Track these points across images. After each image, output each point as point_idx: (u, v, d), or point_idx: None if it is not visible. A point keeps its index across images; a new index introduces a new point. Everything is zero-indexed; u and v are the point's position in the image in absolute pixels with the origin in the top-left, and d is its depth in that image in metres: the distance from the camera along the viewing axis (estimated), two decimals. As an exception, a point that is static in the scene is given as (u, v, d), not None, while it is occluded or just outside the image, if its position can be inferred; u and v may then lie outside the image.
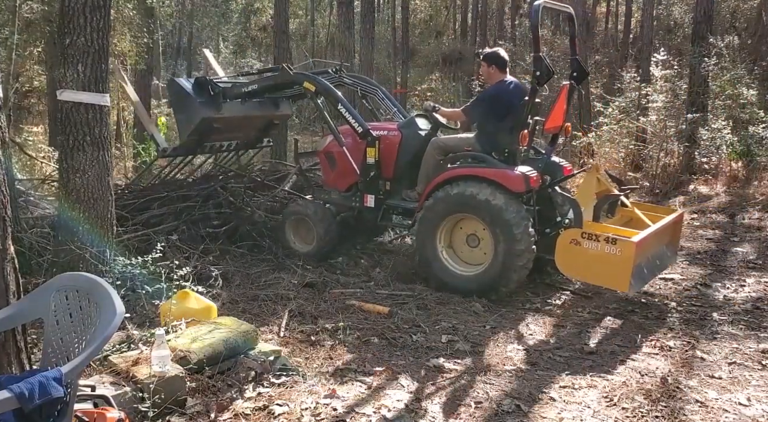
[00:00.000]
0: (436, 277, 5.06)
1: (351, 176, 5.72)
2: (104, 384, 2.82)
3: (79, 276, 2.41)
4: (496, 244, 4.73)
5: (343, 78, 6.53)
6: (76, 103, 4.15)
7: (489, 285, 4.80)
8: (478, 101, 5.22)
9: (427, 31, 26.49)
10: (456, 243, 5.11)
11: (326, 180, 6.10)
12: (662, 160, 9.84)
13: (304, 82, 5.77)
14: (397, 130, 5.65)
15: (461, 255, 5.09)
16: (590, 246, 4.38)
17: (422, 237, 5.09)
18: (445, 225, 5.02)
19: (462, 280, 4.95)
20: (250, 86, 6.10)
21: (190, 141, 6.23)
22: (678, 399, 3.29)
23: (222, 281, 4.88)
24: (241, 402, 3.07)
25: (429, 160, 5.34)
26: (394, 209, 5.56)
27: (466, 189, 4.82)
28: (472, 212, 4.86)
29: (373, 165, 5.51)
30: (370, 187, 5.57)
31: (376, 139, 5.48)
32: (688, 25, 15.95)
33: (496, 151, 5.04)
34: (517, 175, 4.77)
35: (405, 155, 5.54)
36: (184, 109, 6.12)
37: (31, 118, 15.29)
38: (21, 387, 1.84)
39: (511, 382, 3.45)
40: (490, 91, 5.15)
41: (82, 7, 4.05)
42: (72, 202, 4.25)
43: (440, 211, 4.97)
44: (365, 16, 12.93)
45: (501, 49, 5.35)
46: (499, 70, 5.14)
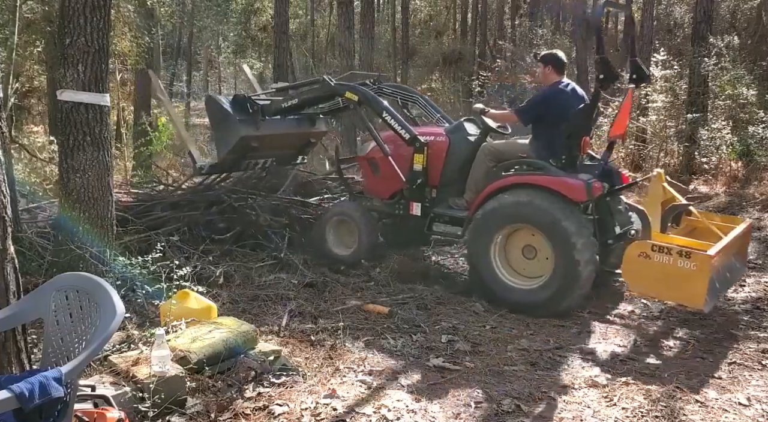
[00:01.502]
0: (490, 291, 4.77)
1: (395, 183, 5.49)
2: (104, 384, 2.82)
3: (79, 276, 2.41)
4: (557, 256, 4.44)
5: (382, 88, 6.35)
6: (76, 103, 4.15)
7: (550, 298, 4.49)
8: (533, 103, 4.98)
9: (427, 31, 26.48)
10: (511, 255, 4.79)
11: (368, 186, 5.92)
12: (662, 160, 9.85)
13: (347, 92, 5.60)
14: (444, 135, 5.43)
15: (516, 266, 4.77)
16: (661, 259, 4.05)
17: (475, 249, 4.82)
18: (499, 236, 4.72)
19: (519, 294, 4.65)
20: (289, 101, 5.97)
21: (227, 159, 6.11)
22: (678, 399, 3.29)
23: (223, 279, 4.89)
24: (241, 402, 3.07)
25: (479, 167, 5.09)
26: (441, 217, 5.29)
27: (523, 198, 4.56)
28: (530, 222, 4.57)
29: (421, 172, 5.29)
30: (417, 194, 5.35)
31: (424, 144, 5.26)
32: (688, 25, 15.95)
33: (553, 158, 4.76)
34: (578, 183, 4.49)
35: (453, 161, 5.32)
36: (223, 127, 6.00)
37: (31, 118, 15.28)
38: (21, 387, 1.84)
39: (511, 382, 3.45)
40: (546, 92, 4.92)
41: (82, 7, 4.05)
42: (72, 202, 4.25)
43: (494, 221, 4.69)
44: (365, 16, 12.94)
45: (559, 51, 5.15)
46: (555, 71, 4.91)
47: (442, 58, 20.38)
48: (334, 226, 5.76)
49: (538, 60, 5.09)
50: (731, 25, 15.97)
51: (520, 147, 5.03)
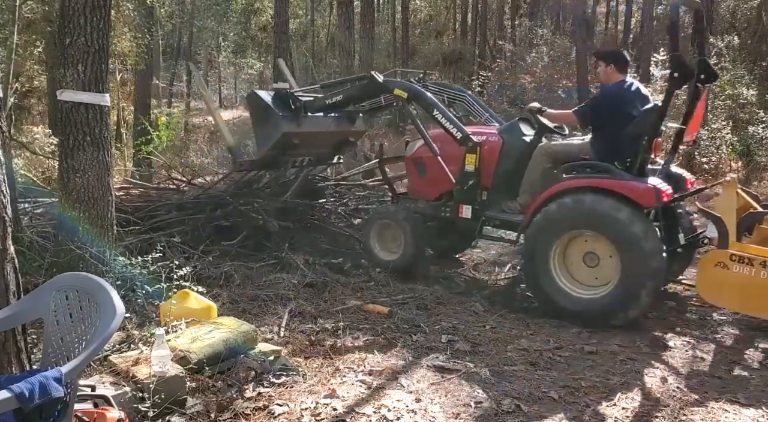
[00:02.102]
0: (550, 301, 4.53)
1: (443, 184, 5.32)
2: (104, 384, 2.82)
3: (79, 276, 2.41)
4: (624, 263, 4.20)
5: (427, 86, 6.09)
6: (76, 103, 4.15)
7: (613, 309, 4.26)
8: (594, 102, 4.73)
9: (427, 31, 26.51)
10: (571, 262, 4.53)
11: (413, 187, 5.76)
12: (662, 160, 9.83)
13: (396, 88, 5.38)
14: (497, 134, 5.23)
15: (576, 274, 4.51)
16: (741, 270, 3.85)
17: (532, 256, 4.57)
18: (559, 242, 4.47)
19: (582, 304, 4.40)
20: (334, 97, 5.79)
21: (267, 156, 5.99)
22: (678, 399, 3.29)
23: (223, 279, 4.89)
24: (241, 402, 3.07)
25: (536, 169, 4.86)
26: (493, 221, 5.10)
27: (586, 202, 4.31)
28: (594, 228, 4.33)
29: (473, 172, 5.08)
30: (467, 196, 5.14)
31: (477, 144, 5.06)
32: (688, 24, 15.96)
33: (617, 160, 4.51)
34: (647, 187, 4.22)
35: (506, 162, 5.10)
36: (264, 123, 5.87)
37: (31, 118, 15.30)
38: (21, 387, 1.84)
39: (511, 382, 3.45)
40: (608, 91, 4.69)
41: (82, 7, 4.05)
42: (72, 202, 4.25)
43: (557, 225, 4.44)
44: (365, 16, 12.96)
45: (622, 49, 4.95)
46: (618, 69, 4.67)
47: (442, 58, 20.41)
48: (378, 231, 5.61)
49: (599, 58, 4.84)
50: (731, 25, 15.97)
51: (581, 148, 4.78)
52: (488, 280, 5.64)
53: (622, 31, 21.05)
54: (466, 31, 23.24)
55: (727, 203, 4.42)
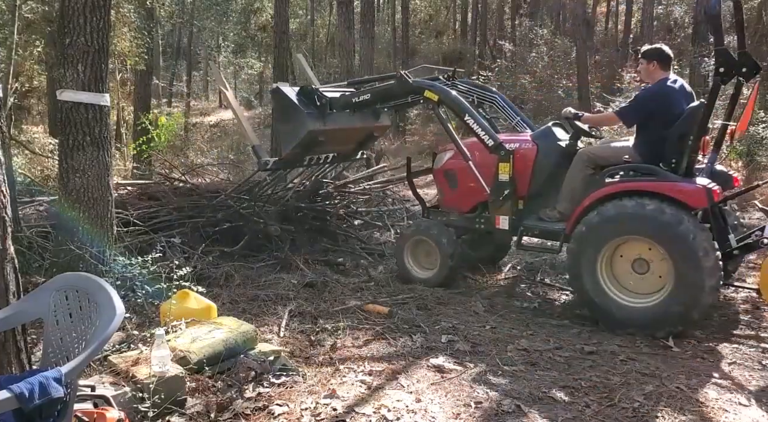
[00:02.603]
0: (603, 313, 4.33)
1: (477, 195, 5.13)
2: (104, 384, 2.82)
3: (79, 276, 2.41)
4: (677, 269, 4.04)
5: (456, 84, 5.93)
6: (76, 103, 4.15)
7: (672, 315, 4.10)
8: (639, 102, 4.55)
9: (427, 31, 26.52)
10: (619, 268, 4.35)
11: (445, 200, 5.56)
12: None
13: (426, 91, 5.22)
14: (531, 141, 5.04)
15: (624, 282, 4.33)
16: None
17: (578, 266, 4.37)
18: (607, 250, 4.30)
19: (630, 312, 4.23)
20: (361, 96, 5.64)
21: (292, 154, 5.87)
22: (678, 399, 3.29)
23: (223, 279, 4.89)
24: (241, 402, 3.07)
25: (576, 175, 4.68)
26: (532, 231, 4.94)
27: (632, 206, 4.15)
28: (642, 233, 4.17)
29: (507, 182, 4.89)
30: (503, 206, 4.94)
31: (510, 153, 4.88)
32: (688, 24, 15.97)
33: (662, 161, 4.35)
34: (696, 188, 4.08)
35: (542, 170, 4.93)
36: (290, 120, 5.74)
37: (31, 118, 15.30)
38: (21, 387, 1.84)
39: (511, 382, 3.45)
40: (653, 90, 4.50)
41: (82, 7, 4.06)
42: (72, 202, 4.26)
43: (603, 232, 4.26)
44: (365, 16, 12.97)
45: (665, 45, 4.74)
46: (661, 67, 4.51)
47: (442, 58, 20.41)
48: (411, 248, 5.43)
49: (642, 55, 4.68)
50: (731, 25, 15.98)
51: (623, 150, 4.60)
52: (488, 280, 5.64)
53: (622, 31, 21.04)
54: (466, 31, 23.25)
55: None
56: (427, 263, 5.34)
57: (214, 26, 24.14)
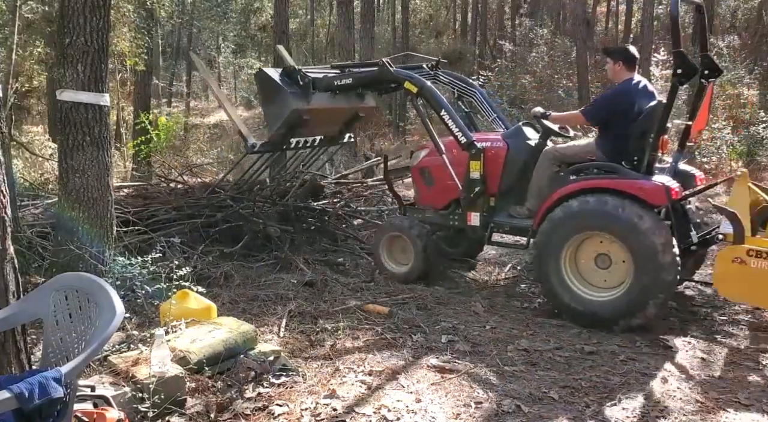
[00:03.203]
0: (565, 306, 4.47)
1: (451, 192, 5.24)
2: (104, 384, 2.82)
3: (78, 276, 2.41)
4: (636, 265, 4.16)
5: (438, 75, 6.04)
6: (75, 103, 4.15)
7: (630, 310, 4.21)
8: (603, 102, 4.76)
9: (427, 31, 26.52)
10: (582, 263, 4.50)
11: (421, 198, 5.68)
12: (662, 160, 9.84)
13: (406, 82, 5.29)
14: (502, 140, 5.17)
15: (587, 276, 4.48)
16: (759, 264, 3.83)
17: (543, 261, 4.51)
18: (570, 245, 4.44)
19: (592, 306, 4.36)
20: (343, 79, 5.72)
21: (277, 135, 5.92)
22: (678, 399, 3.29)
23: (223, 279, 4.89)
24: (241, 402, 3.06)
25: (542, 173, 4.82)
26: (502, 227, 5.09)
27: (595, 203, 4.29)
28: (604, 229, 4.29)
29: (478, 179, 5.02)
30: (475, 203, 5.09)
31: (481, 151, 5.00)
32: (688, 24, 15.96)
33: (624, 159, 4.48)
34: (656, 185, 4.20)
35: (513, 168, 5.06)
36: (274, 100, 5.79)
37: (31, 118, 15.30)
38: (21, 387, 1.84)
39: (511, 382, 3.45)
40: (616, 90, 4.66)
41: (81, 7, 4.05)
42: (72, 202, 4.25)
43: (566, 228, 4.40)
44: (365, 16, 12.98)
45: (631, 46, 4.86)
46: (626, 67, 4.63)
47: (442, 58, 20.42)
48: (387, 244, 5.52)
49: (608, 56, 4.82)
50: (731, 25, 15.98)
51: (587, 149, 4.76)
52: (488, 280, 5.64)
53: (622, 31, 21.04)
54: (466, 31, 23.25)
55: (740, 198, 4.41)
56: (402, 259, 5.42)
57: (213, 26, 24.15)
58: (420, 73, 5.85)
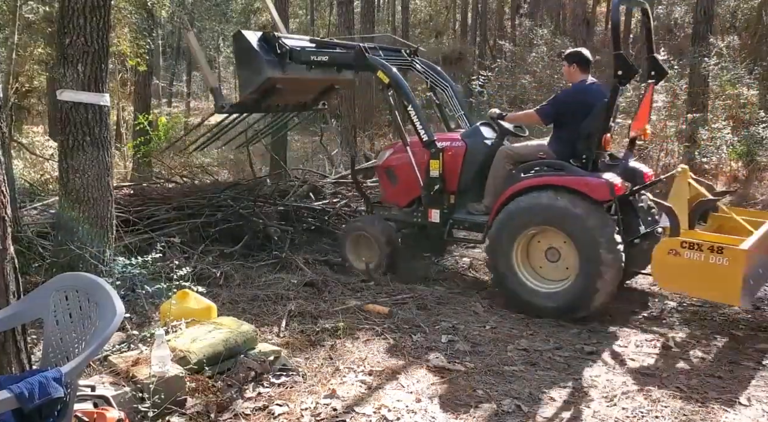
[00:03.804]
0: (511, 293, 4.70)
1: (413, 190, 5.42)
2: (104, 384, 2.83)
3: (78, 276, 2.41)
4: (581, 258, 4.36)
5: (415, 63, 6.14)
6: (76, 103, 4.15)
7: (575, 301, 4.41)
8: (555, 102, 4.90)
9: (427, 31, 26.50)
10: (534, 256, 4.71)
11: (386, 196, 5.82)
12: (662, 160, 9.83)
13: (379, 71, 5.37)
14: (461, 140, 5.35)
15: (539, 270, 4.69)
16: (692, 256, 3.97)
17: (496, 253, 4.71)
18: (521, 239, 4.63)
19: (541, 297, 4.56)
20: (320, 56, 5.71)
21: (249, 99, 5.89)
22: (678, 399, 3.29)
23: (223, 279, 4.89)
24: (241, 402, 3.07)
25: (497, 171, 5.02)
26: (461, 223, 5.25)
27: (543, 199, 4.48)
28: (552, 224, 4.50)
29: (438, 178, 5.20)
30: (435, 201, 5.26)
31: (440, 150, 5.19)
32: (688, 24, 15.96)
33: (573, 157, 4.68)
34: (600, 182, 4.39)
35: (470, 166, 5.24)
36: (249, 65, 5.75)
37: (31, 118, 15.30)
38: (21, 387, 1.84)
39: (511, 382, 3.45)
40: (569, 91, 4.91)
41: (81, 7, 4.05)
42: (72, 202, 4.25)
43: (516, 223, 4.59)
44: (365, 16, 12.97)
45: (584, 49, 5.06)
46: (580, 69, 4.84)
47: (442, 58, 20.37)
48: (353, 242, 5.62)
49: (563, 58, 5.02)
50: (731, 25, 15.98)
51: (539, 148, 4.95)
52: (488, 280, 5.64)
53: (622, 31, 21.04)
54: (466, 31, 23.24)
55: (679, 193, 4.62)
56: (367, 256, 5.52)
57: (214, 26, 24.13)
58: (398, 57, 6.02)
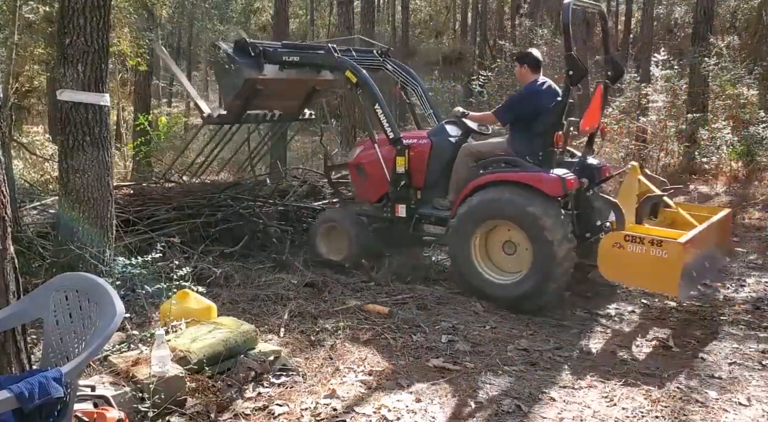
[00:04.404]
0: (471, 286, 4.87)
1: (382, 186, 5.60)
2: (104, 384, 2.82)
3: (79, 276, 2.41)
4: (534, 252, 4.52)
5: (386, 63, 6.33)
6: (76, 103, 4.15)
7: (527, 294, 4.56)
8: (510, 103, 5.10)
9: (427, 31, 26.50)
10: (492, 250, 4.90)
11: (358, 192, 6.01)
12: (662, 160, 9.84)
13: (347, 70, 5.62)
14: (426, 137, 5.53)
15: (497, 262, 4.87)
16: (634, 249, 4.16)
17: (456, 245, 4.91)
18: (479, 232, 4.82)
19: (498, 289, 4.74)
20: (291, 56, 5.99)
21: (234, 106, 6.12)
22: (678, 399, 3.29)
23: (223, 279, 4.89)
24: (241, 402, 3.07)
25: (460, 167, 5.19)
26: (427, 218, 5.43)
27: (499, 194, 4.66)
28: (508, 218, 4.67)
29: (404, 174, 5.38)
30: (401, 196, 5.44)
31: (406, 147, 5.38)
32: (688, 24, 15.96)
33: (530, 155, 4.85)
34: (553, 178, 4.56)
35: (436, 163, 5.42)
36: (228, 72, 6.00)
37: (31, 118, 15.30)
38: (21, 387, 1.84)
39: (511, 382, 3.45)
40: (523, 92, 5.05)
41: (81, 7, 4.05)
42: (72, 202, 4.25)
43: (474, 218, 4.78)
44: (365, 16, 12.95)
45: (534, 49, 5.22)
46: (531, 70, 4.98)
47: (442, 58, 20.39)
48: (324, 234, 5.80)
49: (515, 60, 5.18)
50: (731, 24, 15.98)
51: (498, 145, 5.14)
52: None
53: (622, 31, 21.02)
54: (466, 31, 23.24)
55: (627, 189, 4.83)
56: (338, 248, 5.69)
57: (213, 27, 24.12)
58: (369, 56, 6.18)
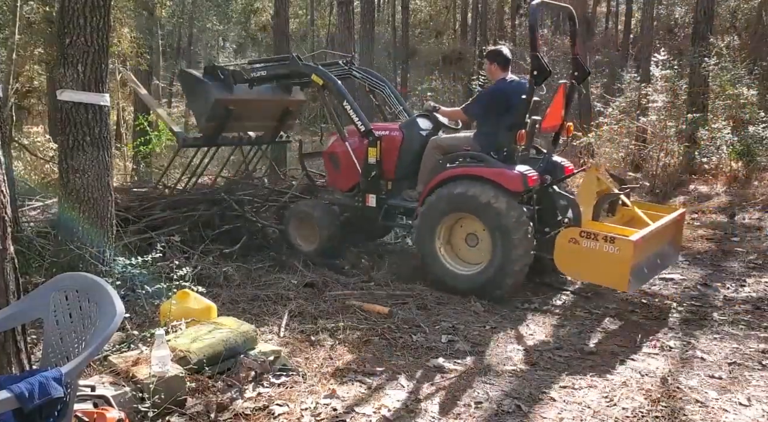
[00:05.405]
0: (434, 275, 5.07)
1: (354, 176, 5.73)
2: (104, 384, 2.82)
3: (79, 276, 2.40)
4: (494, 246, 4.72)
5: (352, 70, 6.54)
6: (76, 103, 4.15)
7: (485, 286, 4.79)
8: (478, 99, 5.23)
9: (427, 31, 26.49)
10: (455, 241, 5.10)
11: (330, 180, 6.16)
12: (662, 160, 9.83)
13: (312, 74, 5.81)
14: (398, 130, 5.68)
15: (460, 254, 5.08)
16: (589, 245, 4.36)
17: (421, 236, 5.08)
18: (443, 224, 5.01)
19: (460, 280, 4.94)
20: (258, 72, 6.13)
21: (208, 128, 6.24)
22: (678, 399, 3.29)
23: (223, 279, 4.89)
24: (241, 402, 3.07)
25: (428, 160, 5.35)
26: (396, 209, 5.60)
27: (463, 188, 4.82)
28: (471, 212, 4.85)
29: (375, 165, 5.53)
30: (372, 186, 5.59)
31: (377, 139, 5.52)
32: (688, 24, 15.95)
33: (495, 150, 5.01)
34: (515, 174, 4.74)
35: (406, 155, 5.57)
36: (198, 95, 6.14)
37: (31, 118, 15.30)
38: (21, 387, 1.84)
39: (511, 382, 3.45)
40: (491, 88, 5.18)
41: (81, 7, 4.05)
42: (72, 202, 4.25)
43: (438, 210, 4.96)
44: (365, 16, 12.94)
45: (504, 47, 5.34)
46: (500, 67, 5.12)
47: (442, 58, 20.37)
48: (297, 224, 5.94)
49: (484, 57, 5.32)
50: (731, 24, 15.97)
51: (465, 140, 5.24)
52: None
53: (622, 31, 21.02)
54: (466, 31, 23.22)
55: (586, 187, 4.96)
56: (310, 237, 5.85)
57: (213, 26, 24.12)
58: (335, 68, 6.35)
